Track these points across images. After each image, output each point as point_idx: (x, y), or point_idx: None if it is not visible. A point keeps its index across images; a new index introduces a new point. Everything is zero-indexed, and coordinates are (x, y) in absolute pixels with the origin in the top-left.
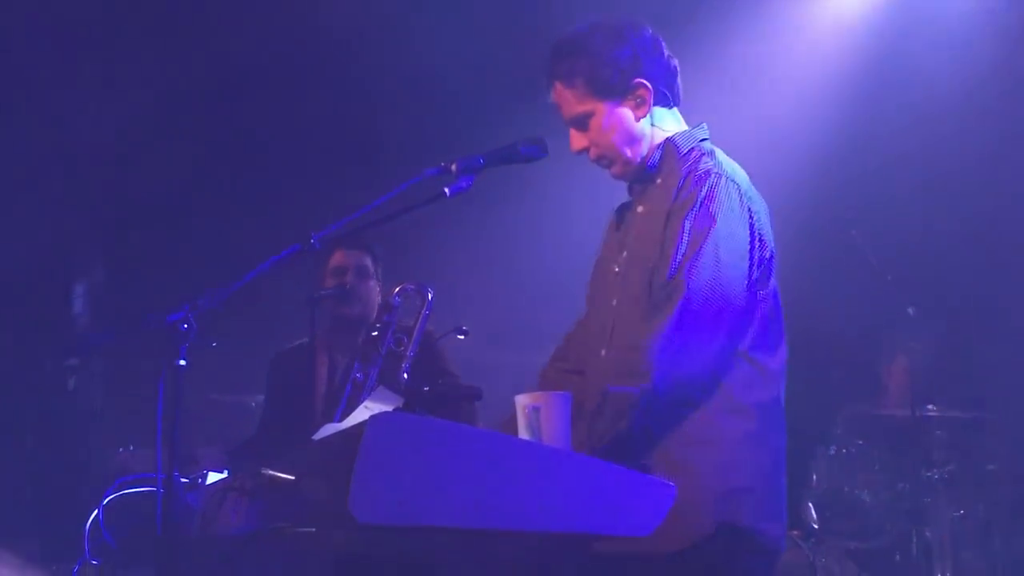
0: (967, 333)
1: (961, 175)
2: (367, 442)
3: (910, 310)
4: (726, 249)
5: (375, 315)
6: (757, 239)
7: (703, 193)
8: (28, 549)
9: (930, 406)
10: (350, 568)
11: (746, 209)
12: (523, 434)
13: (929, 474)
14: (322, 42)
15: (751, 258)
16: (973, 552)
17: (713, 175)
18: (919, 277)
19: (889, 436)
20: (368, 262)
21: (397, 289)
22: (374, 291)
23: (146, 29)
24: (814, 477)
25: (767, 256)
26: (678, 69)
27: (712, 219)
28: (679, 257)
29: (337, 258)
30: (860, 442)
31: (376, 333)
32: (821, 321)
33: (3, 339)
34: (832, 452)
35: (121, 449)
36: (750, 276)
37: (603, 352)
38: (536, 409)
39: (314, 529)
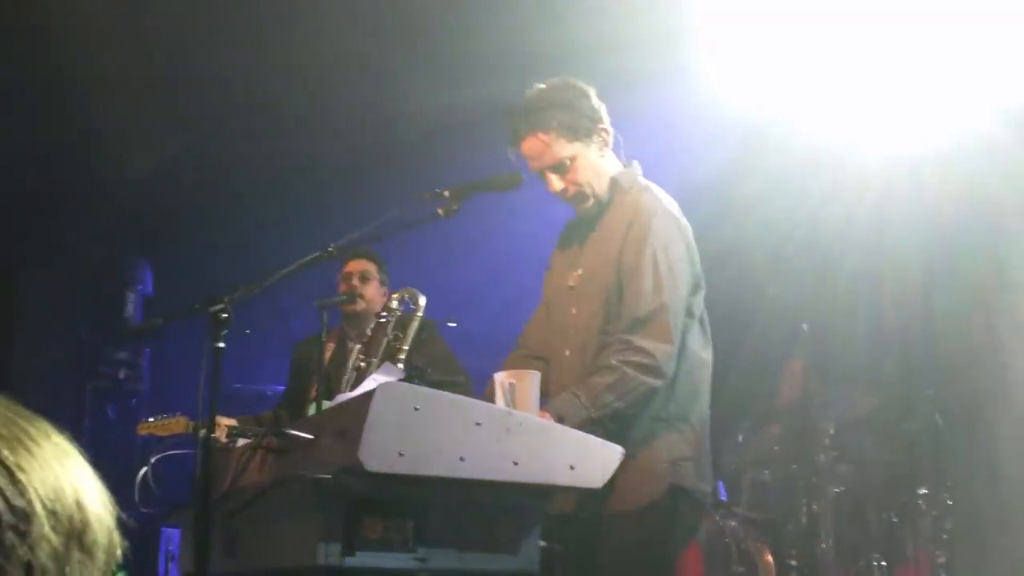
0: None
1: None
2: (375, 405)
3: (804, 326)
4: (678, 271)
5: (378, 314)
6: (691, 258)
7: (652, 227)
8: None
9: (821, 403)
10: (360, 509)
11: (683, 236)
12: (500, 404)
13: (817, 458)
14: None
15: (689, 274)
16: (851, 523)
17: (657, 212)
18: (810, 296)
19: (785, 428)
20: (371, 268)
21: (396, 294)
22: (377, 292)
23: None
24: (724, 460)
25: (697, 271)
26: None
27: (664, 249)
28: (649, 283)
29: (347, 266)
30: (762, 432)
31: (377, 329)
32: (734, 335)
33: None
34: (740, 440)
35: (141, 420)
36: (687, 288)
37: (567, 352)
38: (512, 384)
39: (329, 476)
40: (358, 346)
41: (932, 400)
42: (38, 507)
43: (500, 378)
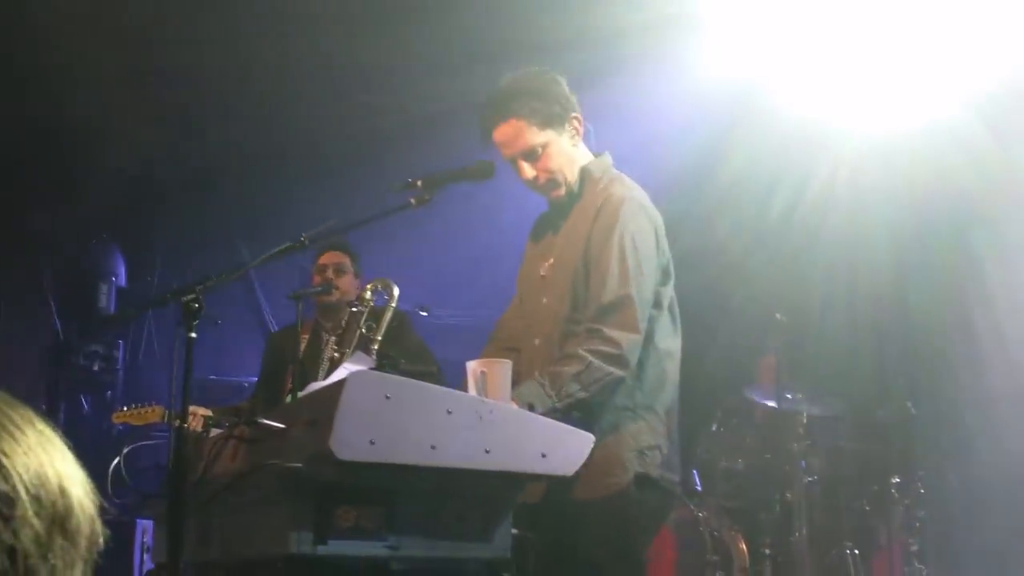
0: (828, 337)
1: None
2: (347, 394)
3: (778, 316)
4: (644, 259)
5: (351, 304)
6: (660, 249)
7: (619, 216)
8: None
9: (790, 395)
10: (332, 497)
11: (651, 224)
12: (472, 392)
13: (789, 448)
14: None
15: (657, 263)
16: (823, 511)
17: (626, 200)
18: (784, 286)
19: (759, 418)
20: (345, 260)
21: (369, 285)
22: (351, 283)
23: None
24: (699, 450)
25: (665, 262)
26: None
27: (633, 238)
28: (616, 270)
29: (321, 258)
30: (735, 422)
31: (351, 320)
32: (708, 326)
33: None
34: (714, 429)
35: (115, 410)
36: (655, 277)
37: (536, 341)
38: (483, 372)
39: (300, 465)
40: (333, 337)
41: (904, 389)
42: (22, 492)
43: (472, 367)
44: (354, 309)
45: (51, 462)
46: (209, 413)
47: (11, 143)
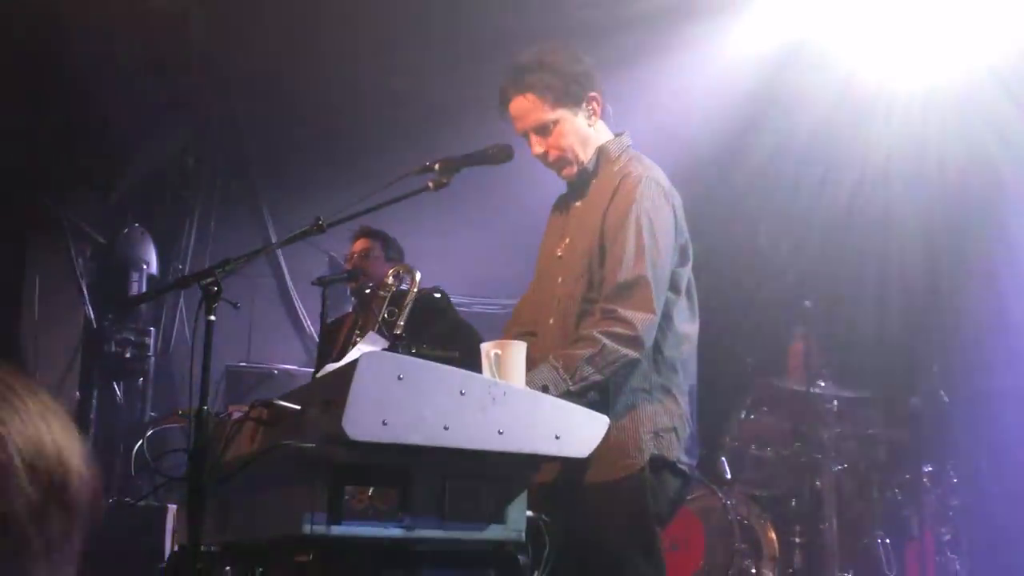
0: (854, 323)
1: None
2: (359, 374)
3: (806, 303)
4: (661, 239)
5: (375, 290)
6: (677, 229)
7: (636, 194)
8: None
9: (821, 382)
10: (345, 478)
11: (669, 204)
12: (487, 374)
13: (819, 435)
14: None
15: (676, 245)
16: (854, 499)
17: (643, 179)
18: (814, 273)
19: (788, 405)
20: (374, 246)
21: (391, 271)
22: (381, 269)
23: None
24: (728, 438)
25: (683, 242)
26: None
27: (650, 217)
28: (632, 249)
29: (352, 245)
30: (764, 409)
31: (375, 305)
32: (737, 311)
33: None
34: (743, 417)
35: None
36: (673, 261)
37: (551, 320)
38: (497, 354)
39: (314, 445)
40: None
41: (937, 376)
42: (16, 460)
43: (486, 348)
44: (380, 295)
45: (50, 432)
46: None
47: (43, 132)
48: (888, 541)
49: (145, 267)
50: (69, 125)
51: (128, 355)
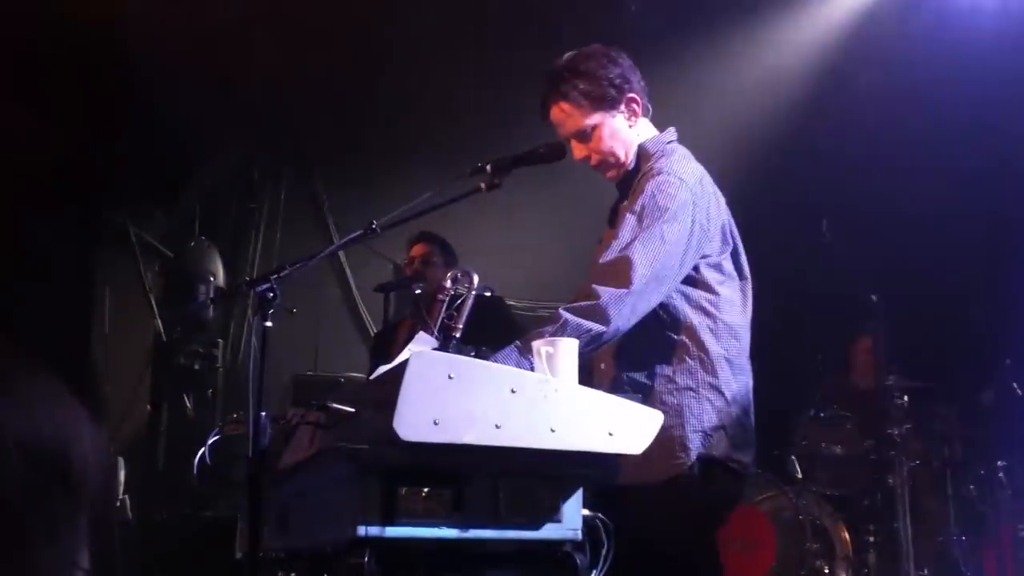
0: (923, 317)
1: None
2: (409, 375)
3: (873, 297)
4: (671, 231)
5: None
6: (699, 226)
7: (651, 185)
8: None
9: (893, 377)
10: (398, 479)
11: (691, 202)
12: (539, 371)
13: (891, 432)
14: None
15: (691, 240)
16: (928, 496)
17: (663, 172)
18: (880, 266)
19: (858, 402)
20: (432, 250)
21: (449, 274)
22: (442, 273)
23: None
24: (797, 436)
25: (716, 238)
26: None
27: (659, 207)
28: (623, 238)
29: (411, 250)
30: (834, 407)
31: (433, 309)
32: (804, 310)
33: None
34: (811, 415)
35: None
36: (691, 254)
37: None
38: (549, 352)
39: (366, 446)
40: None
41: (1009, 368)
42: (10, 445)
43: (537, 346)
44: (439, 299)
45: (50, 418)
46: None
47: (112, 148)
48: (964, 539)
49: (212, 279)
50: (136, 140)
51: (197, 367)
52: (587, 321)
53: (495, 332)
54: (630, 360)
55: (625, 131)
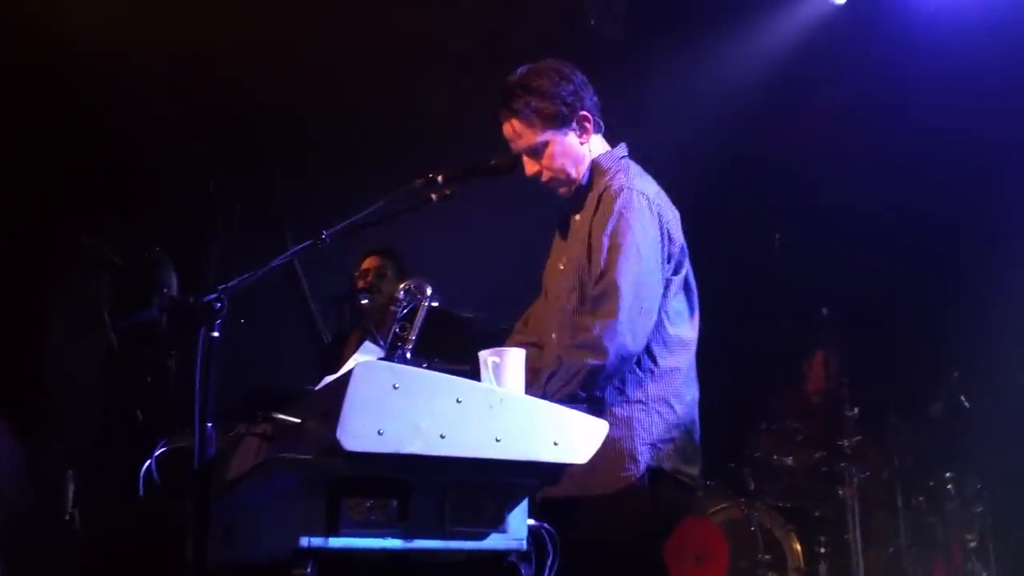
0: (877, 331)
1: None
2: (353, 384)
3: (824, 311)
4: (645, 247)
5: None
6: (664, 237)
7: (618, 204)
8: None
9: (844, 390)
10: (342, 490)
11: (655, 214)
12: (485, 381)
13: (841, 444)
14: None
15: (663, 252)
16: (878, 508)
17: (625, 189)
18: (833, 280)
19: (810, 414)
20: (386, 264)
21: (402, 286)
22: (394, 286)
23: None
24: (750, 449)
25: (675, 250)
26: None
27: (629, 226)
28: (606, 261)
29: (363, 262)
30: (787, 419)
31: (386, 321)
32: (756, 323)
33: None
34: (764, 427)
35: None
36: (663, 267)
37: (553, 335)
38: (495, 362)
39: (309, 457)
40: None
41: (957, 382)
42: None
43: (484, 356)
44: (391, 311)
45: None
46: None
47: (62, 157)
48: (913, 549)
49: (167, 291)
50: (91, 150)
51: (149, 379)
52: (582, 356)
53: (449, 344)
54: None
55: (576, 148)
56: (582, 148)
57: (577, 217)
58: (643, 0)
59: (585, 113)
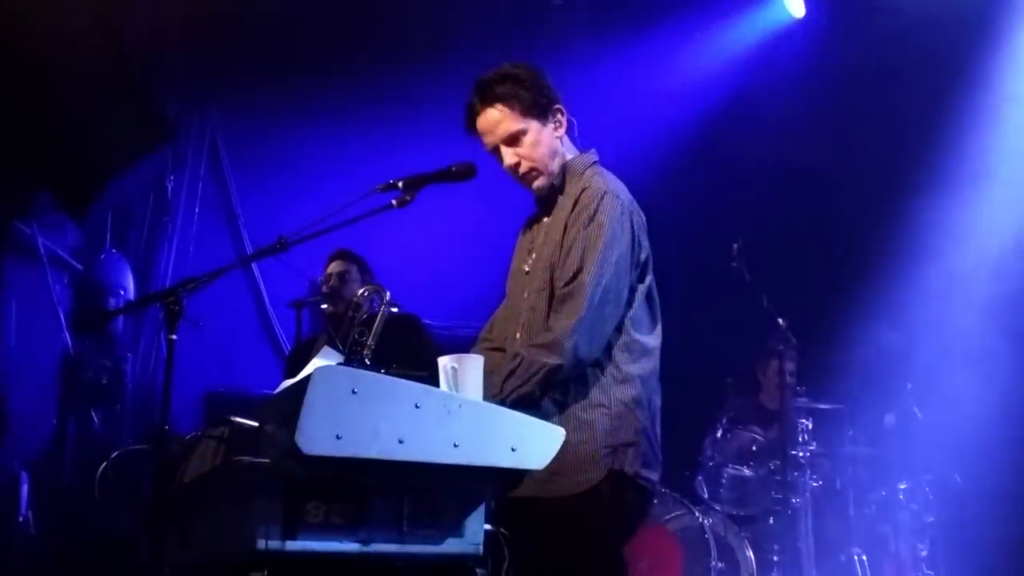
0: (830, 341)
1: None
2: (312, 389)
3: (780, 320)
4: (617, 253)
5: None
6: (636, 243)
7: (593, 207)
8: None
9: (799, 400)
10: (301, 493)
11: (627, 219)
12: (444, 387)
13: (795, 453)
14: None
15: (632, 258)
16: (830, 516)
17: (601, 192)
18: (789, 290)
19: (765, 423)
20: (350, 268)
21: (361, 291)
22: (357, 291)
23: None
24: (704, 457)
25: (643, 257)
26: None
27: (602, 229)
28: (579, 261)
29: (328, 267)
30: (742, 428)
31: (346, 326)
32: (711, 331)
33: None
34: (719, 436)
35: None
36: (631, 273)
37: (518, 335)
38: (454, 368)
39: (267, 461)
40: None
41: (910, 393)
42: None
43: (443, 362)
44: (350, 316)
45: None
46: None
47: (17, 158)
48: (865, 558)
49: (123, 292)
50: (44, 151)
51: (105, 381)
52: (542, 356)
53: (409, 350)
54: None
55: (554, 142)
56: (558, 144)
57: (547, 219)
58: (604, 5)
59: (560, 107)
